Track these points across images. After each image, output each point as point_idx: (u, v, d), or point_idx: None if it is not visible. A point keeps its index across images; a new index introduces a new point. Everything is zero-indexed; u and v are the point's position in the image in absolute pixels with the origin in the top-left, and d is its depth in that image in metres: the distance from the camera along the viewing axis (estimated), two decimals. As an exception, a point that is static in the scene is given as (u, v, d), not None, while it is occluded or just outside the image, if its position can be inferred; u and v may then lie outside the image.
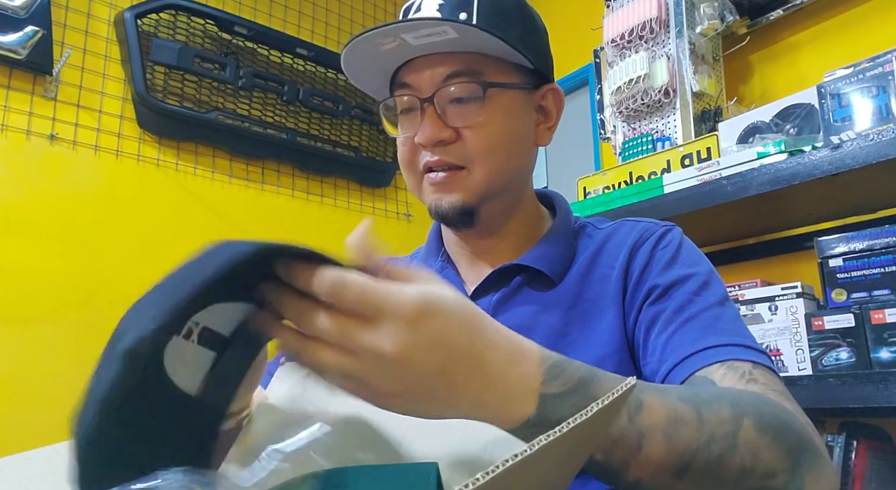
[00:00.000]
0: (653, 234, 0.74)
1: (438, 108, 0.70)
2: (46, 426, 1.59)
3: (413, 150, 0.73)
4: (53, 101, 1.88)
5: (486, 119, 0.70)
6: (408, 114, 0.74)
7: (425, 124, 0.70)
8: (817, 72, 1.41)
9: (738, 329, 0.64)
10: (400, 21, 0.67)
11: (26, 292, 1.74)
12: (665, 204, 1.39)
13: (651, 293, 0.68)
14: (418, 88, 0.71)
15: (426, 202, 0.74)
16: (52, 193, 1.83)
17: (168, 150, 2.09)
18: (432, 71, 0.70)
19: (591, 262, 0.74)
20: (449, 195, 0.71)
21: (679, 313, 0.65)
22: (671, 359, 0.62)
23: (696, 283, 0.67)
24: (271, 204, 2.27)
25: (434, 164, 0.71)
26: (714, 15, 1.61)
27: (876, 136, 1.12)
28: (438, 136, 0.70)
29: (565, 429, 0.32)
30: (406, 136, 0.73)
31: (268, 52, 2.31)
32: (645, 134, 1.64)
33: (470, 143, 0.70)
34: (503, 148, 0.72)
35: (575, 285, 0.73)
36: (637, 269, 0.71)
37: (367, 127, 2.53)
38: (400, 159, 0.76)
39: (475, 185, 0.71)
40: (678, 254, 0.71)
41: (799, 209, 1.41)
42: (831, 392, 1.11)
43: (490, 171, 0.71)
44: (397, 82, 0.74)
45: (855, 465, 1.22)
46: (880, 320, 1.14)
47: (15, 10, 1.77)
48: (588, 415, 0.33)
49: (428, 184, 0.73)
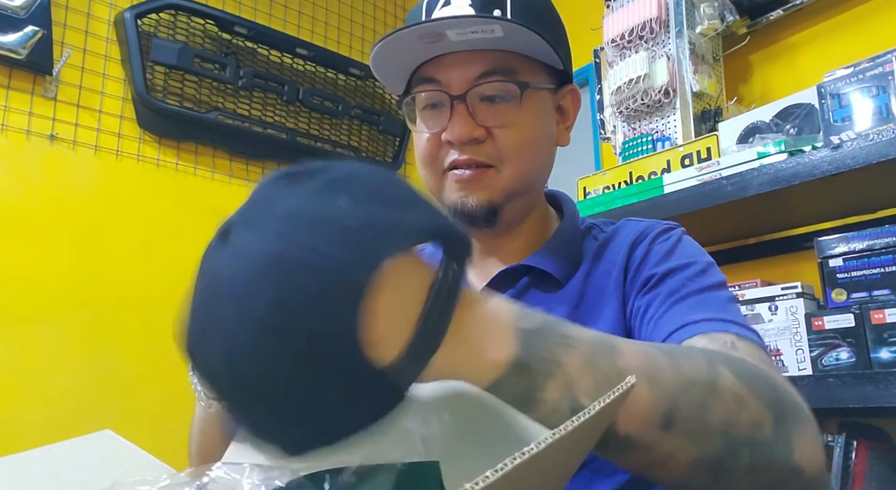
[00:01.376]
0: (653, 231, 0.74)
1: (470, 106, 0.69)
2: (46, 426, 1.60)
3: (437, 146, 0.71)
4: (53, 101, 1.88)
5: (519, 118, 0.70)
6: (431, 109, 0.72)
7: (456, 122, 0.68)
8: (817, 72, 1.41)
9: (729, 309, 0.64)
10: (446, 17, 0.65)
11: (26, 292, 1.74)
12: (665, 204, 1.39)
13: (647, 282, 0.68)
14: (447, 85, 0.70)
15: (448, 200, 0.72)
16: (52, 193, 1.83)
17: (168, 150, 2.09)
18: (465, 69, 0.69)
19: (594, 262, 0.74)
20: (477, 194, 0.70)
21: (671, 296, 0.65)
22: (658, 335, 0.62)
23: (692, 271, 0.68)
24: (271, 204, 2.27)
25: (462, 162, 0.70)
26: (714, 15, 1.61)
27: (876, 136, 1.12)
28: (471, 135, 0.68)
29: (571, 426, 0.32)
30: (431, 132, 0.72)
31: (268, 52, 2.31)
32: (645, 134, 1.64)
33: (502, 143, 0.69)
34: (533, 148, 0.71)
35: (580, 285, 0.73)
36: (636, 261, 0.71)
37: (367, 127, 2.53)
38: (420, 155, 0.74)
39: (503, 184, 0.70)
40: (676, 246, 0.72)
41: (799, 209, 1.41)
42: (831, 392, 1.11)
43: (519, 170, 0.71)
44: (421, 77, 0.72)
45: (855, 465, 1.22)
46: (880, 320, 1.14)
47: (15, 10, 1.77)
48: (591, 413, 0.33)
49: (453, 181, 0.71)
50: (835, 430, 1.27)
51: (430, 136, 0.72)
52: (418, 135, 0.74)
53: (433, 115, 0.72)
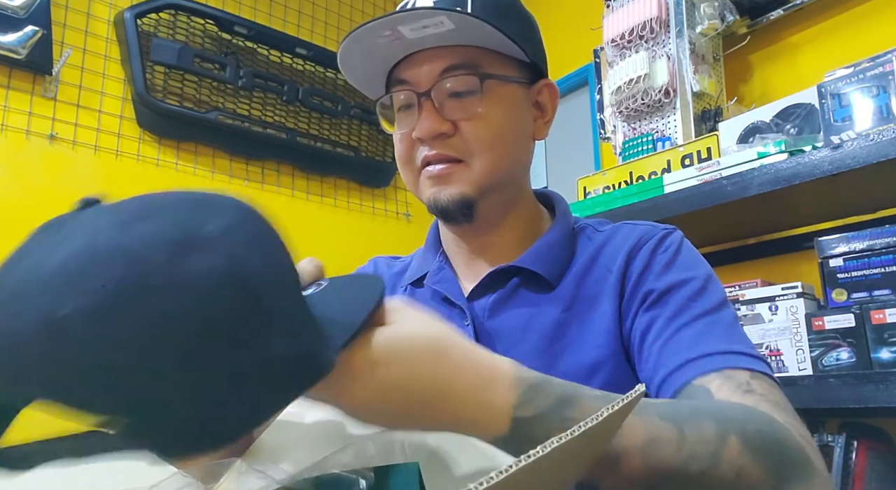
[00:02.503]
0: (652, 237, 0.73)
1: (436, 101, 0.70)
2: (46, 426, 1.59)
3: (410, 145, 0.72)
4: (53, 101, 1.88)
5: (485, 111, 0.70)
6: (406, 110, 0.73)
7: (423, 118, 0.69)
8: (817, 71, 1.41)
9: (735, 335, 0.63)
10: (395, 12, 0.66)
11: (26, 292, 1.74)
12: (665, 204, 1.39)
13: (647, 298, 0.67)
14: (416, 83, 0.71)
15: (424, 197, 0.73)
16: (51, 193, 1.82)
17: (168, 149, 2.08)
18: (430, 65, 0.70)
19: (588, 265, 0.74)
20: (448, 188, 0.71)
21: (674, 319, 0.64)
22: (665, 367, 0.61)
23: (692, 289, 0.67)
24: (271, 204, 2.26)
25: (432, 157, 0.70)
26: (714, 15, 1.61)
27: (876, 136, 1.12)
28: (437, 129, 0.69)
29: (577, 432, 0.32)
30: (403, 132, 0.73)
31: (267, 51, 2.31)
32: (645, 134, 1.64)
33: (469, 136, 0.70)
34: (502, 140, 0.71)
35: (572, 287, 0.72)
36: (635, 272, 0.70)
37: (366, 127, 2.53)
38: (397, 156, 0.75)
39: (475, 177, 0.70)
40: (676, 257, 0.71)
41: (799, 209, 1.41)
42: (831, 392, 1.11)
43: (489, 163, 0.70)
44: (394, 79, 0.73)
45: (855, 465, 1.21)
46: (881, 320, 1.14)
47: (14, 9, 1.77)
48: (598, 420, 0.34)
49: (426, 178, 0.72)
50: (835, 430, 1.27)
51: (402, 135, 0.73)
52: (395, 136, 0.75)
53: (406, 116, 0.73)
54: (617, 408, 0.35)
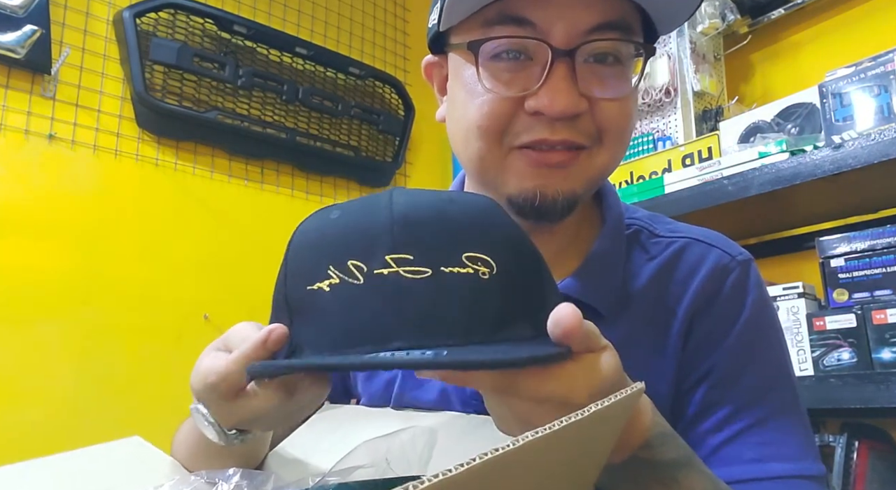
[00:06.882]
0: (727, 279, 0.60)
1: (577, 68, 0.52)
2: (46, 426, 1.59)
3: (510, 114, 0.53)
4: (52, 101, 1.87)
5: (627, 90, 0.55)
6: (511, 62, 0.53)
7: (558, 88, 0.51)
8: (819, 71, 1.40)
9: (802, 444, 0.55)
10: None
11: (25, 292, 1.74)
12: (666, 204, 1.39)
13: (711, 373, 0.57)
14: (546, 32, 0.51)
15: (515, 187, 0.55)
16: (50, 193, 1.82)
17: (167, 149, 2.08)
18: (574, 14, 0.51)
19: (648, 295, 0.60)
20: (563, 182, 0.54)
21: (737, 417, 0.55)
22: (723, 473, 0.52)
23: (764, 374, 0.57)
24: (271, 203, 2.26)
25: (557, 142, 0.53)
26: (715, 14, 1.61)
27: (877, 136, 1.12)
28: (576, 108, 0.52)
29: (555, 427, 0.30)
30: (505, 95, 0.53)
31: (267, 51, 2.30)
32: (646, 133, 1.63)
33: (604, 120, 0.54)
34: (630, 128, 0.57)
35: (626, 326, 0.58)
36: (702, 330, 0.58)
37: (366, 126, 2.53)
38: (478, 122, 0.54)
39: (593, 172, 0.56)
40: (751, 321, 0.59)
41: (800, 209, 1.41)
42: (833, 392, 1.11)
43: (612, 156, 0.56)
44: (506, 13, 0.52)
45: (856, 465, 1.21)
46: (882, 321, 1.14)
47: (13, 9, 1.76)
48: (586, 414, 0.32)
49: (528, 162, 0.54)
50: (836, 430, 1.27)
51: (500, 98, 0.53)
52: (470, 93, 0.55)
53: (512, 70, 0.53)
54: (607, 404, 0.34)
